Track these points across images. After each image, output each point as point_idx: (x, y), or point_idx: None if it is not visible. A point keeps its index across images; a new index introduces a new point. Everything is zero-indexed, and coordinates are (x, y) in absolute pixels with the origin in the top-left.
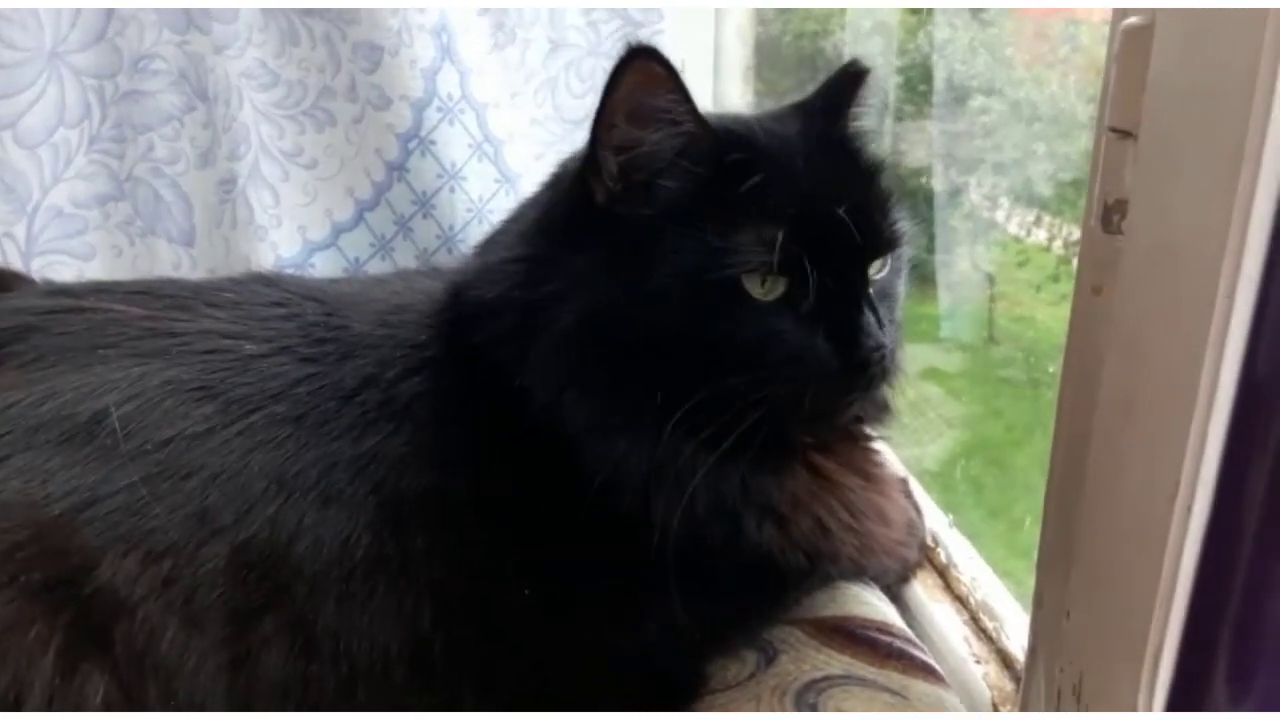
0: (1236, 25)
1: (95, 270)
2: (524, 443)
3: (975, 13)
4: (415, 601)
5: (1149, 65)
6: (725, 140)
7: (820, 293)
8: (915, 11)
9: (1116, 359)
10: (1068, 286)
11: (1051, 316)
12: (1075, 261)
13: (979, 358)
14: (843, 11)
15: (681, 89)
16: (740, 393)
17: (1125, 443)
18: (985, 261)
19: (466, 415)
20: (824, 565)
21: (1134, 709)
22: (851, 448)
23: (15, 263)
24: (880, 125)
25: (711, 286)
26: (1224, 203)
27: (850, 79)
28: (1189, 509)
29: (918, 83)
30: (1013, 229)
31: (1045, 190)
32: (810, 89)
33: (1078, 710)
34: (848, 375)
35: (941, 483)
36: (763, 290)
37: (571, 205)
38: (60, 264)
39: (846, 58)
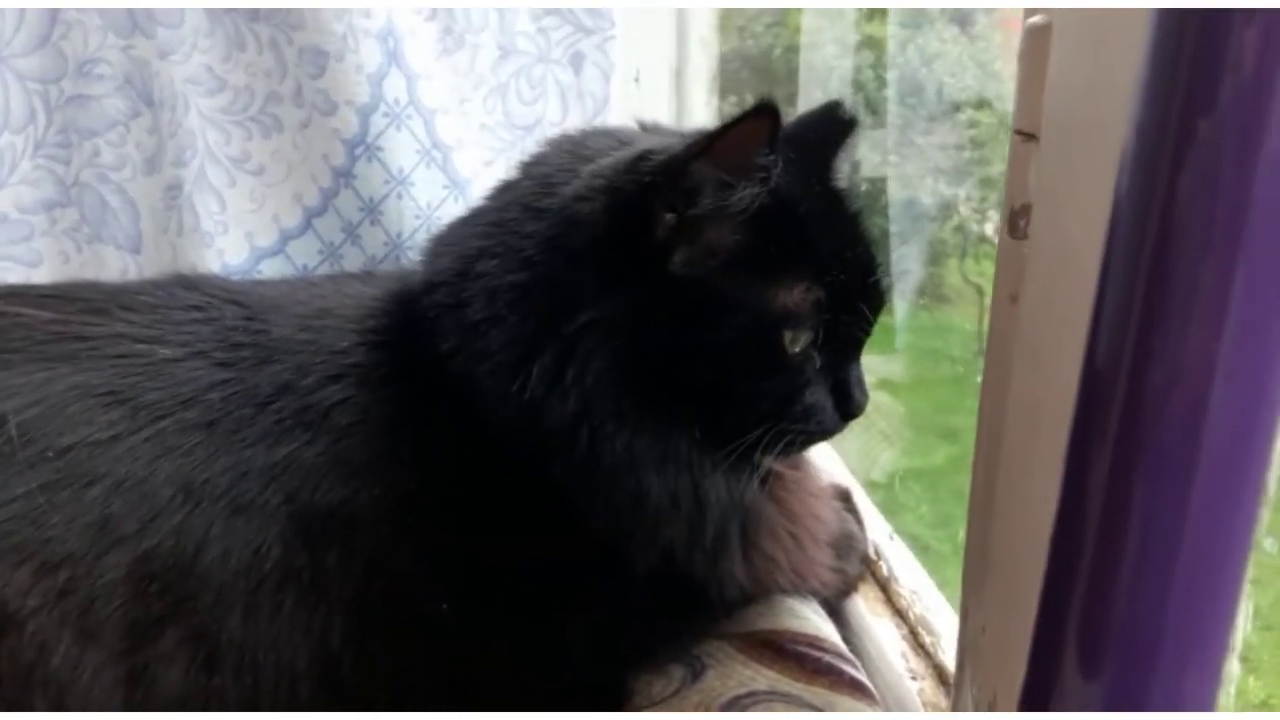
0: (1129, 25)
1: (42, 277)
2: (468, 455)
3: (964, 27)
4: (326, 616)
5: (1049, 67)
6: (784, 199)
7: (832, 349)
8: (905, 25)
9: (1023, 367)
10: None
11: None
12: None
13: (968, 370)
14: (832, 25)
15: (776, 151)
16: (761, 433)
17: (1032, 452)
18: (974, 274)
19: (391, 425)
20: (760, 594)
21: None
22: (798, 467)
23: None
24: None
25: (759, 342)
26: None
27: (839, 126)
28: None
29: (906, 95)
30: None
31: None
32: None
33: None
34: (839, 427)
35: (933, 495)
36: (789, 344)
37: (617, 233)
38: (6, 270)
39: (832, 71)
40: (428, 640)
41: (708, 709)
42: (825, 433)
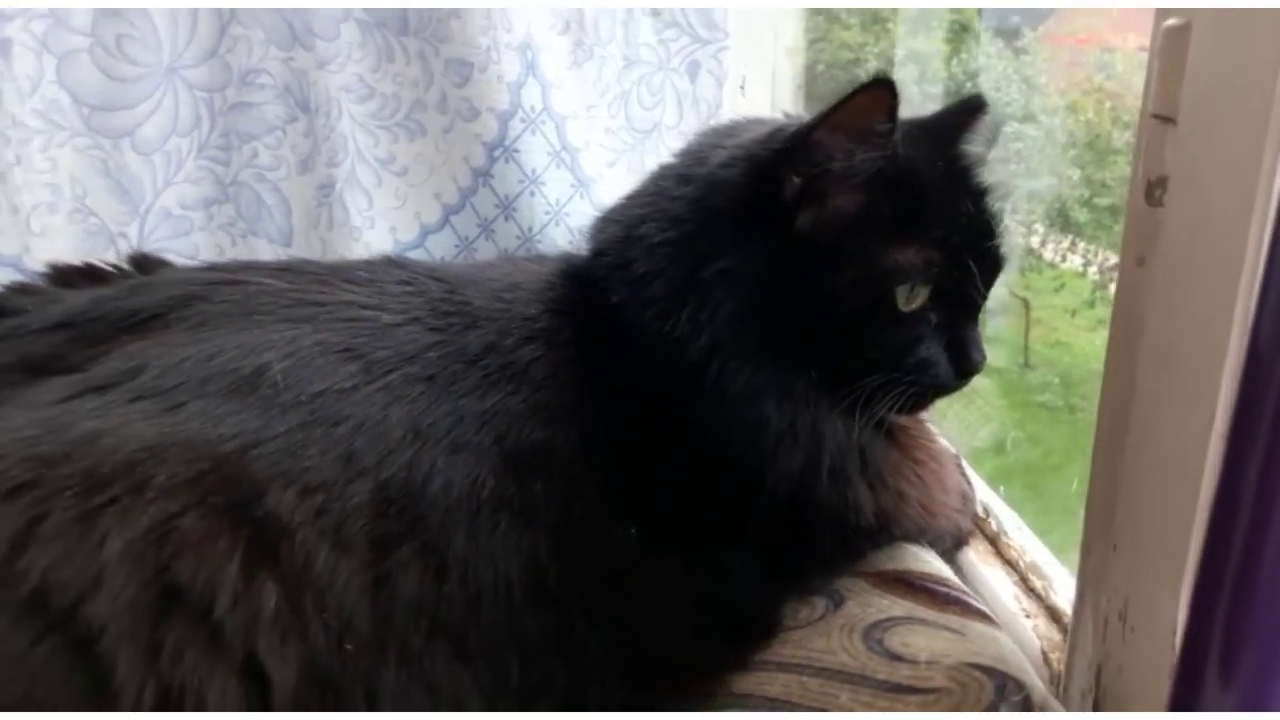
0: (1262, 25)
1: None
2: (640, 401)
3: (1009, 41)
4: (533, 536)
5: (1186, 60)
6: (904, 168)
7: (949, 309)
8: (950, 40)
9: (1157, 318)
10: (1104, 312)
11: (1088, 342)
12: (1121, 247)
13: (1015, 383)
14: (878, 40)
15: (895, 121)
16: (876, 381)
17: (1165, 390)
18: (1020, 287)
19: (576, 378)
20: (892, 526)
21: (1174, 622)
22: (918, 427)
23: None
24: None
25: (872, 296)
26: (1250, 176)
27: (970, 109)
28: (1224, 436)
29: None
30: (1048, 255)
31: (1080, 216)
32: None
33: (1124, 631)
34: (956, 383)
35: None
36: (905, 302)
37: (751, 193)
38: None
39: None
40: (618, 559)
41: (851, 631)
42: (941, 387)
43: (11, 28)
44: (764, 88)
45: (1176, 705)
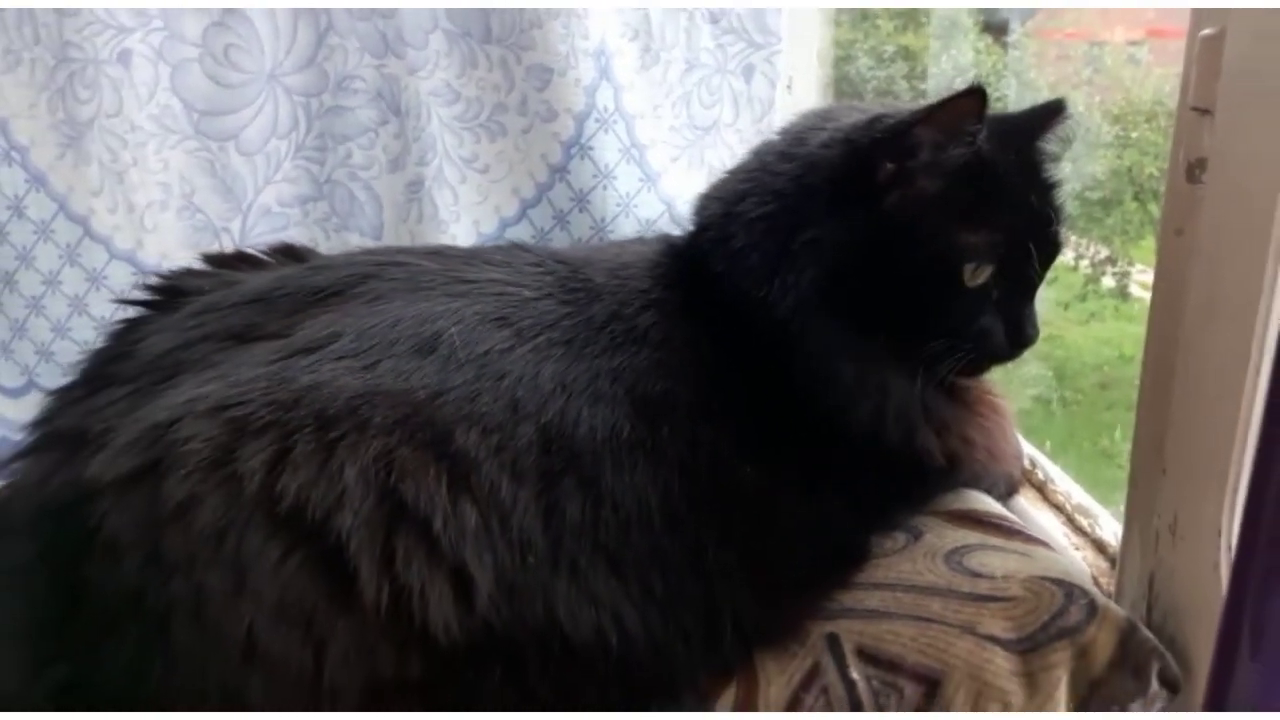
0: None
1: None
2: (744, 358)
3: (998, 36)
4: (666, 473)
5: (1221, 62)
6: (984, 161)
7: (1008, 286)
8: (939, 36)
9: (1200, 276)
10: (1096, 305)
11: (1082, 335)
12: (1160, 221)
13: (1007, 376)
14: (867, 37)
15: (983, 123)
16: (939, 346)
17: (1209, 335)
18: None
19: (688, 341)
20: (961, 468)
21: (1218, 526)
22: (981, 385)
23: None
24: None
25: (942, 271)
26: (1277, 156)
27: (1051, 112)
28: (1259, 370)
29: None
30: None
31: (1071, 209)
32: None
33: (1173, 541)
34: (1011, 353)
35: None
36: (970, 278)
37: (847, 173)
38: None
39: (868, 84)
40: (737, 493)
41: (934, 556)
42: (997, 356)
43: (132, 39)
44: (810, 87)
45: (1231, 603)
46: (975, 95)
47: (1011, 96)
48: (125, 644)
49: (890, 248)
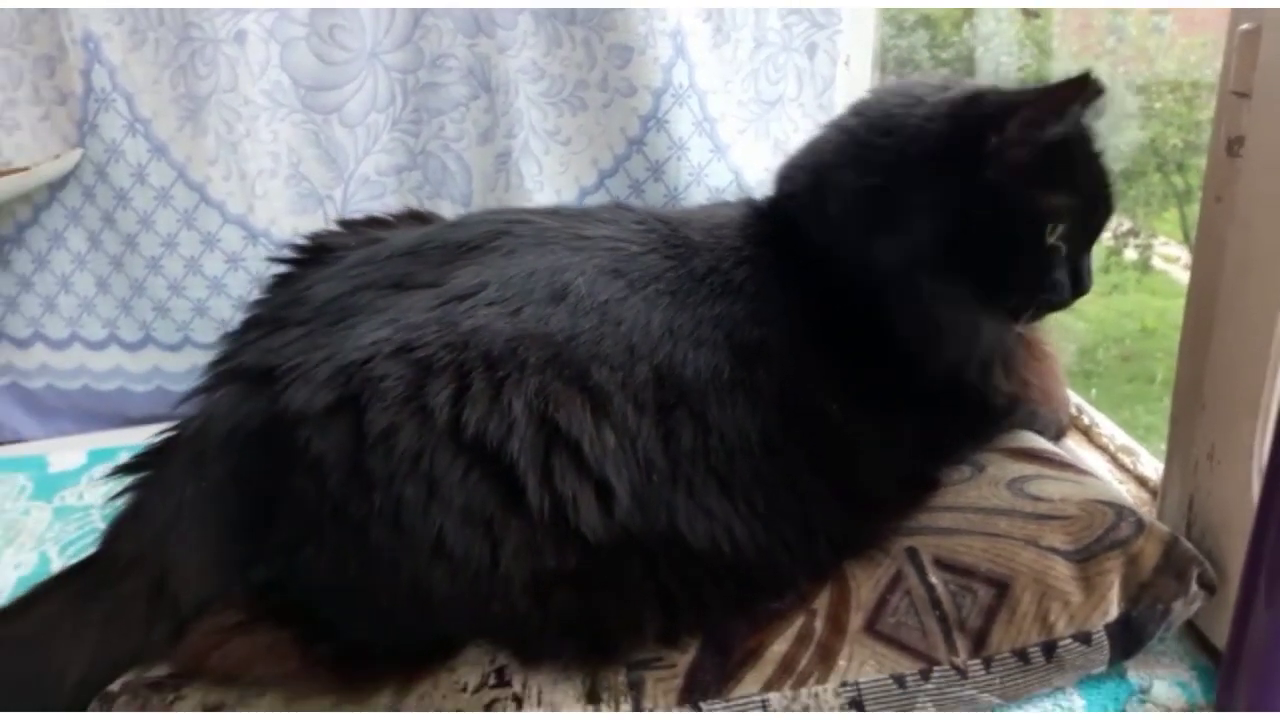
0: None
1: None
2: (832, 308)
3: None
4: (764, 409)
5: (1258, 54)
6: (1064, 135)
7: (1074, 242)
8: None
9: (1237, 238)
10: (1117, 277)
11: (1104, 308)
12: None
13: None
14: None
15: (1087, 106)
16: (1020, 296)
17: (1245, 289)
18: None
19: (779, 292)
20: (1021, 407)
21: (1251, 451)
22: (1034, 333)
23: (331, 219)
24: None
25: (1030, 231)
26: None
27: (1091, 90)
28: None
29: (961, 76)
30: None
31: None
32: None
33: (1211, 467)
34: (1071, 298)
35: None
36: (1050, 236)
37: (951, 143)
38: None
39: (889, 54)
40: (825, 427)
41: (998, 483)
42: (1062, 302)
43: (247, 20)
44: (866, 64)
45: (1261, 513)
46: (1084, 83)
47: (1033, 66)
48: (325, 548)
49: (986, 211)
